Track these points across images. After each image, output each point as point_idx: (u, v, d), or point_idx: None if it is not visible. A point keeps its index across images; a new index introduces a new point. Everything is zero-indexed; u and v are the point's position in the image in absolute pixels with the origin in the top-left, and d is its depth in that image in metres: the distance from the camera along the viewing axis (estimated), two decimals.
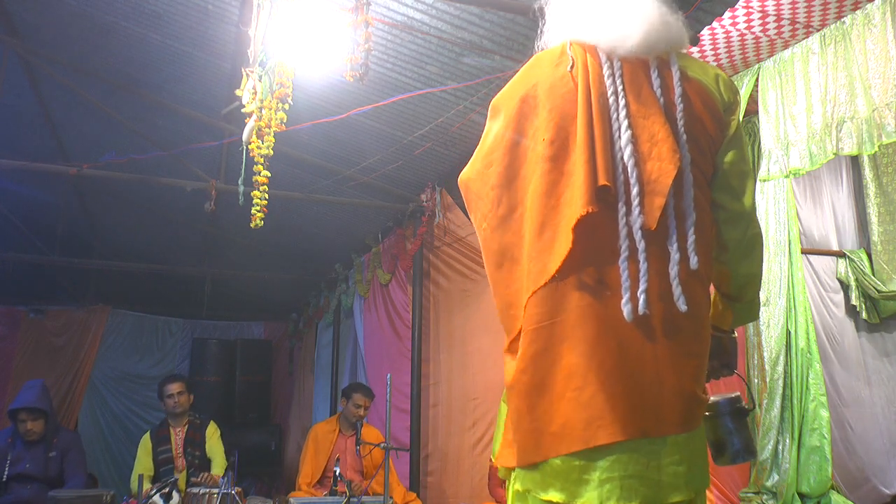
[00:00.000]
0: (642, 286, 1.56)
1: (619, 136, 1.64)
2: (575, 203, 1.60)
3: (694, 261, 1.58)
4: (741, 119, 1.75)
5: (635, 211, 1.59)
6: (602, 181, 1.60)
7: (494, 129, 1.80)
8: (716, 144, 1.71)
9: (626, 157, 1.62)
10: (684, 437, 1.56)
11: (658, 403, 1.55)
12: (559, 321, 1.60)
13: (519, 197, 1.72)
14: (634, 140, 1.64)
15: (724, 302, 1.81)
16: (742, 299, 1.78)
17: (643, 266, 1.57)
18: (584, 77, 1.69)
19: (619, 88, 1.68)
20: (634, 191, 1.60)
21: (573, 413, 1.56)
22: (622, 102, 1.67)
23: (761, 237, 1.76)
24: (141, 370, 9.69)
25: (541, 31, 1.87)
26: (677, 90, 1.67)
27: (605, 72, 1.70)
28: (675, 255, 1.59)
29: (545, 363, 1.61)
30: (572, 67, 1.71)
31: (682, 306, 1.55)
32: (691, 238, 1.60)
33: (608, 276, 1.59)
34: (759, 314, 1.83)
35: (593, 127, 1.65)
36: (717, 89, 1.72)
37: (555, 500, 1.57)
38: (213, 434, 5.40)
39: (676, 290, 1.56)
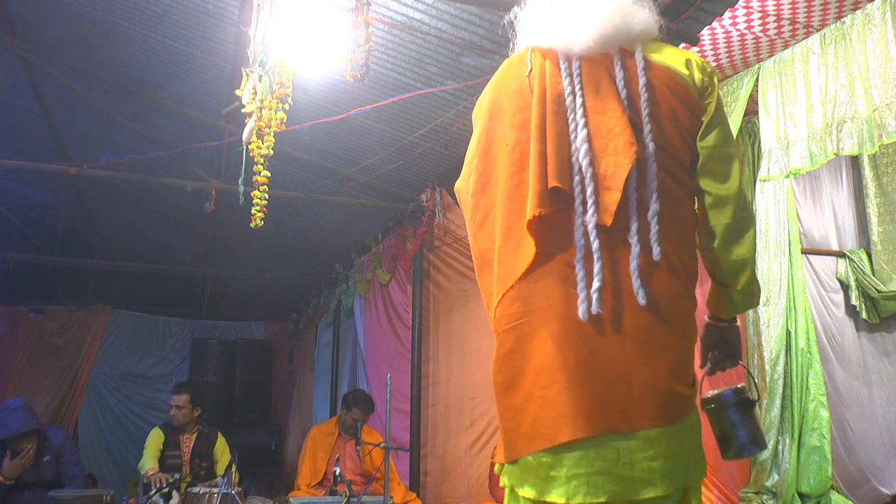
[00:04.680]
0: (595, 284, 1.57)
1: (576, 136, 1.66)
2: (528, 206, 1.64)
3: (656, 251, 1.58)
4: (720, 101, 1.71)
5: (590, 209, 1.61)
6: (553, 183, 1.63)
7: (473, 139, 1.86)
8: (693, 129, 1.69)
9: (581, 156, 1.64)
10: (660, 433, 1.54)
11: (627, 399, 1.55)
12: (526, 321, 1.63)
13: (490, 203, 1.76)
14: (591, 137, 1.65)
15: (719, 290, 1.79)
16: (735, 286, 1.73)
17: (597, 264, 1.58)
18: (539, 80, 1.73)
19: (577, 87, 1.70)
20: (589, 189, 1.62)
21: (540, 411, 1.59)
22: (579, 101, 1.68)
23: (751, 220, 1.73)
24: (141, 370, 9.68)
25: (512, 41, 1.90)
26: (640, 80, 1.67)
27: (563, 72, 1.72)
28: (635, 248, 1.59)
29: (515, 363, 1.64)
30: (529, 72, 1.75)
31: (642, 300, 1.55)
32: (654, 229, 1.59)
33: (571, 275, 1.61)
34: (758, 301, 1.81)
35: (546, 129, 1.67)
36: (689, 74, 1.70)
37: (528, 496, 1.60)
38: (223, 452, 5.41)
39: (636, 283, 1.56)
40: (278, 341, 10.71)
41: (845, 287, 4.93)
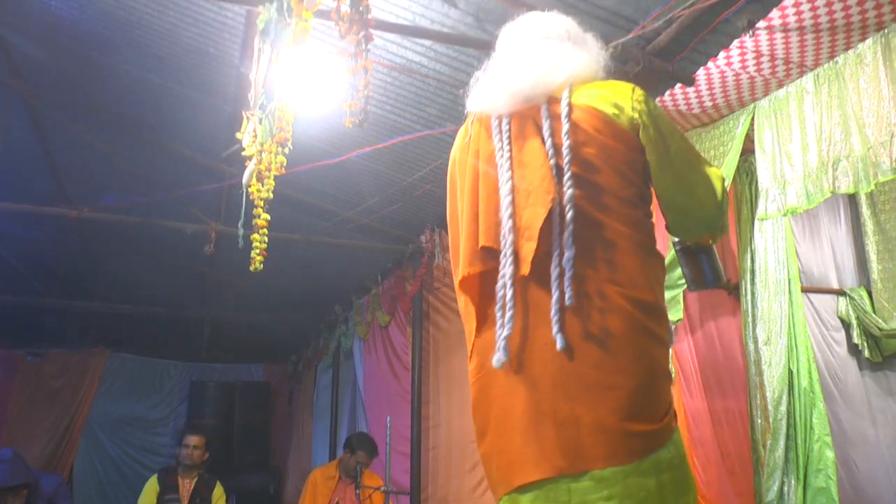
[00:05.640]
0: (504, 332, 1.63)
1: (502, 192, 1.72)
2: (459, 268, 1.77)
3: (568, 295, 1.59)
4: (660, 130, 1.71)
5: (508, 261, 1.66)
6: (482, 242, 1.71)
7: None
8: (633, 162, 1.71)
9: (503, 210, 1.70)
10: (614, 472, 1.53)
11: (577, 441, 1.55)
12: (484, 374, 1.72)
13: (457, 266, 1.86)
14: (514, 191, 1.71)
15: None
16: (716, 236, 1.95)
17: (508, 313, 1.64)
18: (474, 145, 1.82)
19: (505, 144, 1.76)
20: (509, 240, 1.67)
21: (500, 458, 1.66)
22: (505, 156, 1.74)
23: (720, 218, 1.84)
24: (139, 413, 9.60)
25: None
26: (564, 126, 1.69)
27: (494, 132, 1.79)
28: (554, 294, 1.61)
29: (482, 413, 1.73)
30: (468, 139, 1.86)
31: (560, 343, 1.57)
32: (568, 273, 1.61)
33: None
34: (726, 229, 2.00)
35: (478, 191, 1.76)
36: (618, 111, 1.70)
37: None
38: (219, 498, 5.38)
39: (554, 327, 1.59)
40: (277, 383, 10.65)
41: (846, 325, 4.90)
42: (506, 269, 1.66)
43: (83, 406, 8.67)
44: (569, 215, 1.63)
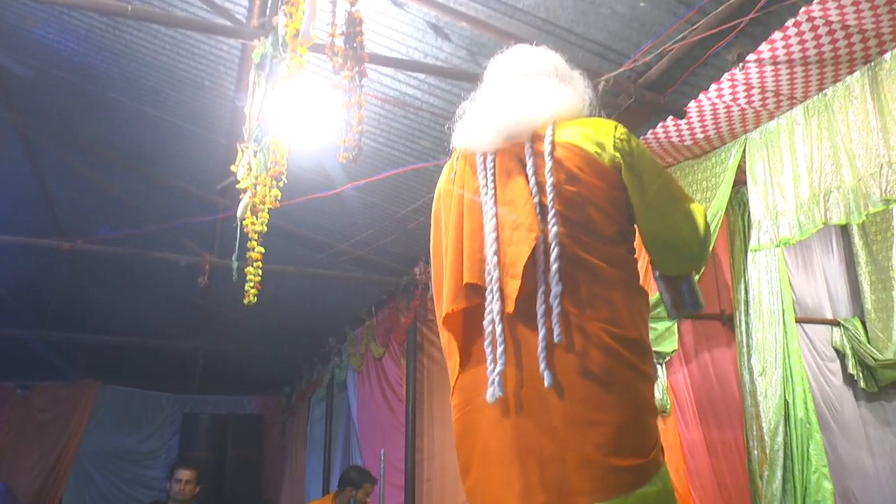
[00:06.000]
0: (497, 368, 1.61)
1: (486, 229, 1.73)
2: (443, 304, 1.76)
3: (556, 333, 1.59)
4: (642, 168, 1.72)
5: (495, 297, 1.66)
6: (467, 279, 1.70)
7: None
8: (615, 200, 1.71)
9: (488, 247, 1.70)
10: None
11: (563, 476, 1.55)
12: (469, 410, 1.71)
13: (440, 303, 1.86)
14: (499, 228, 1.71)
15: None
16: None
17: (499, 348, 1.63)
18: (459, 182, 1.84)
19: (490, 181, 1.76)
20: (494, 277, 1.67)
21: (485, 493, 1.65)
22: (490, 194, 1.75)
23: (705, 255, 1.86)
24: (130, 446, 9.50)
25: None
26: (547, 163, 1.70)
27: (479, 169, 1.80)
28: (541, 331, 1.61)
29: (466, 448, 1.71)
30: (454, 175, 1.88)
31: (548, 380, 1.57)
32: (556, 311, 1.61)
33: None
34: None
35: (463, 228, 1.76)
36: (600, 150, 1.70)
37: None
38: None
39: (541, 364, 1.59)
40: (270, 416, 10.56)
41: (842, 356, 4.89)
42: (493, 306, 1.66)
43: (73, 439, 8.55)
44: (554, 253, 1.63)
